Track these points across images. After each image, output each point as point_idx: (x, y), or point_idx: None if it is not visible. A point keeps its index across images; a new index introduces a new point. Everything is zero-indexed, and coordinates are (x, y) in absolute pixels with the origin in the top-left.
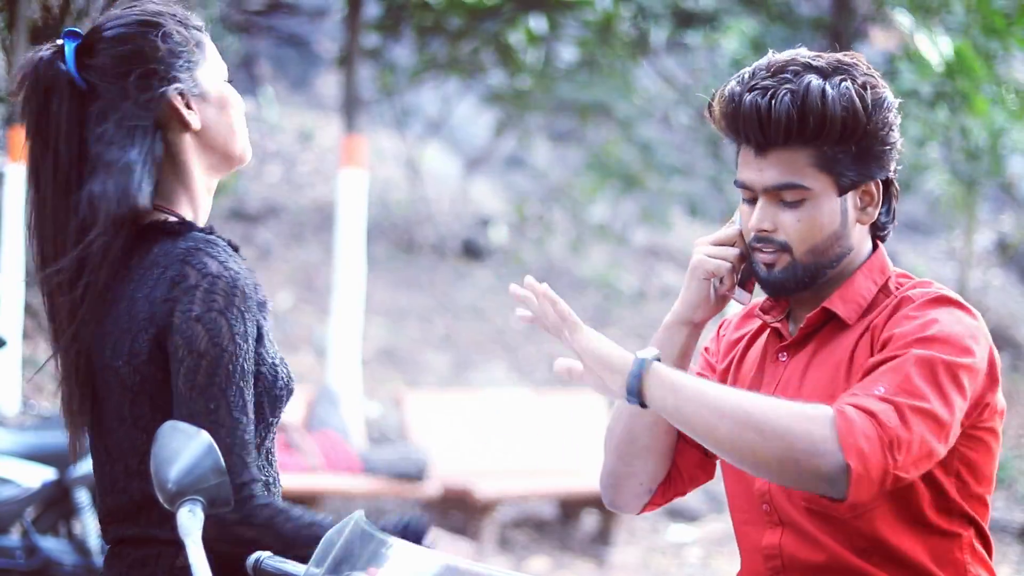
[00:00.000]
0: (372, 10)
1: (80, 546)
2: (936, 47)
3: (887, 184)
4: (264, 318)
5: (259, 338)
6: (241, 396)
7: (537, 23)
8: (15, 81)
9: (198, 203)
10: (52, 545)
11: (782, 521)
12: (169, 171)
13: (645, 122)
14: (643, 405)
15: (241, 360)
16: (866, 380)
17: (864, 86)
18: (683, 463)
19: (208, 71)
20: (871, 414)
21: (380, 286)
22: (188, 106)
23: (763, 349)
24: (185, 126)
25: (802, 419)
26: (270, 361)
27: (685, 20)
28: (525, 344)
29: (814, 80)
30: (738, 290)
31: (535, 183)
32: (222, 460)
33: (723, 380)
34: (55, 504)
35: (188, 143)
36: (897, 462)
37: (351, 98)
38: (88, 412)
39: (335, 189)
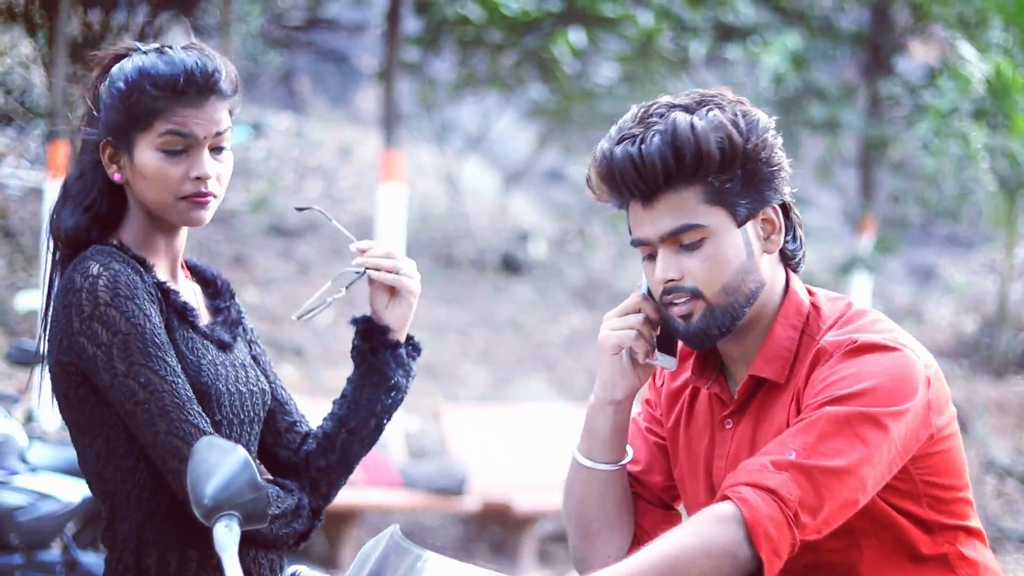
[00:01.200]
0: (412, 25)
1: None
2: (978, 62)
3: (786, 209)
4: (169, 309)
5: (168, 328)
6: (166, 363)
7: (577, 37)
8: (95, 64)
9: (150, 243)
10: (92, 560)
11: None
12: (125, 207)
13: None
14: None
15: (148, 336)
16: (777, 441)
17: (734, 112)
18: (647, 523)
19: (146, 139)
20: (771, 492)
21: (420, 301)
22: (113, 158)
23: (709, 412)
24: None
25: (716, 545)
26: (190, 357)
27: (725, 34)
28: (564, 358)
29: (680, 115)
30: (660, 355)
31: (575, 197)
32: (258, 475)
33: (674, 437)
34: (95, 519)
35: (127, 189)
36: (805, 529)
37: (390, 113)
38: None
39: (375, 204)
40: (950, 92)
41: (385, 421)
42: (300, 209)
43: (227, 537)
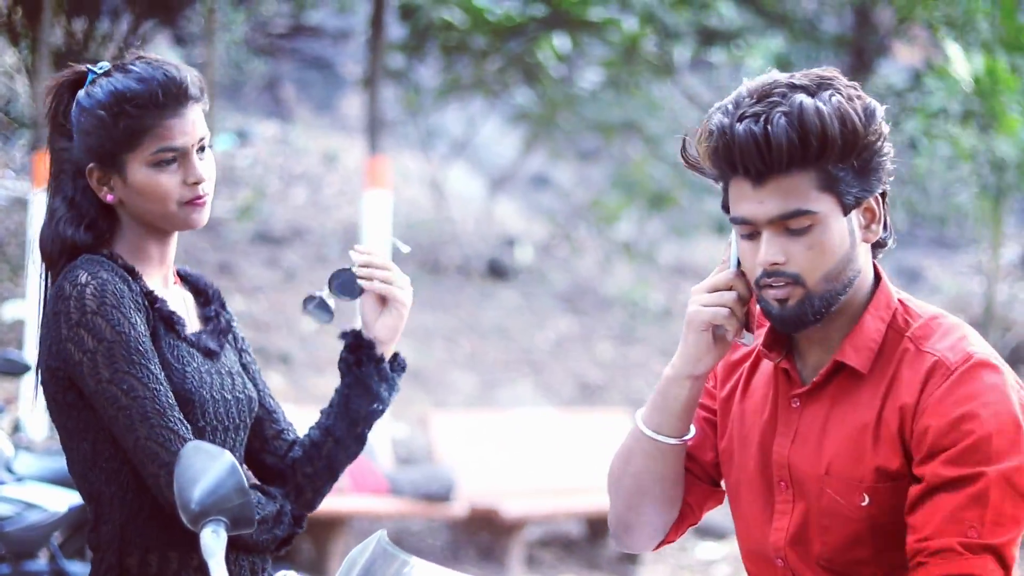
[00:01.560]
0: (396, 31)
1: None
2: (968, 63)
3: (883, 197)
4: (155, 317)
5: (155, 336)
6: (149, 371)
7: (561, 42)
8: (44, 95)
9: (143, 252)
10: (79, 570)
11: (794, 575)
12: (115, 220)
13: (672, 140)
14: None
15: (132, 344)
16: (949, 507)
17: (851, 97)
18: (693, 499)
19: (136, 158)
20: None
21: None
22: (104, 183)
23: (773, 388)
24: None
25: None
26: (175, 365)
27: (709, 38)
28: (551, 363)
29: (805, 99)
30: (745, 333)
31: (560, 202)
32: (245, 480)
33: (726, 409)
34: (82, 528)
35: (117, 206)
36: None
37: (375, 119)
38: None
39: (360, 211)
40: (939, 92)
41: (366, 431)
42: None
43: (214, 543)
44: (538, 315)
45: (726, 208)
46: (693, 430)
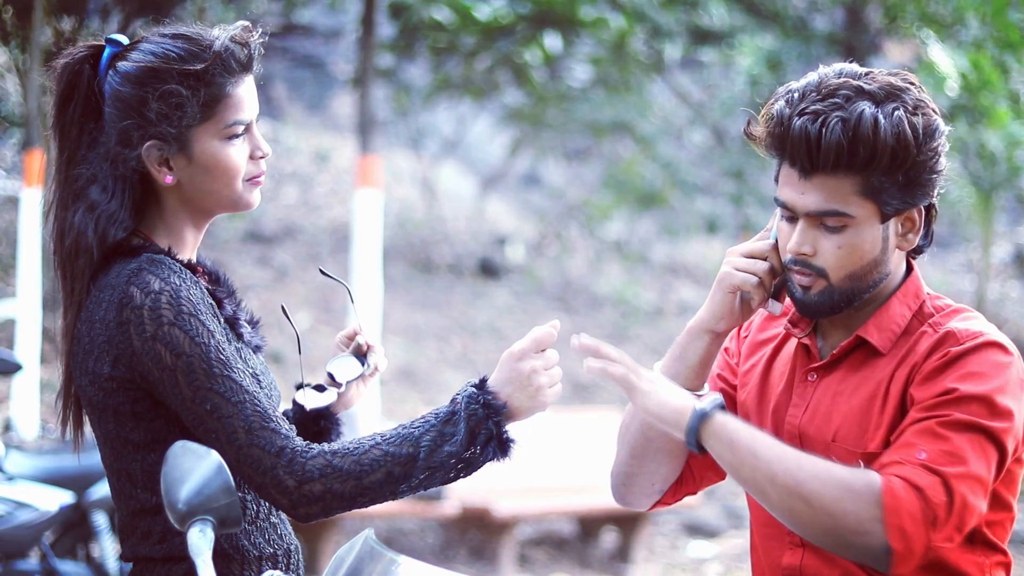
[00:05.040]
0: (386, 31)
1: (98, 569)
2: (952, 61)
3: (928, 208)
4: (225, 323)
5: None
6: (232, 382)
7: (551, 42)
8: (53, 71)
9: (180, 238)
10: (71, 569)
11: (803, 543)
12: (152, 204)
13: (663, 139)
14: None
15: (212, 355)
16: (907, 437)
17: (916, 112)
18: (695, 463)
19: (207, 131)
20: (918, 489)
21: (397, 306)
22: (163, 163)
23: (792, 363)
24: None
25: (850, 496)
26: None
27: (700, 37)
28: None
29: (867, 108)
30: (770, 301)
31: (551, 201)
32: (232, 480)
33: (746, 384)
34: (73, 527)
35: (166, 189)
36: (940, 534)
37: (366, 119)
38: (75, 431)
39: (351, 210)
40: (928, 88)
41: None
42: (325, 274)
43: (201, 542)
44: (529, 314)
45: (776, 183)
46: (707, 388)
